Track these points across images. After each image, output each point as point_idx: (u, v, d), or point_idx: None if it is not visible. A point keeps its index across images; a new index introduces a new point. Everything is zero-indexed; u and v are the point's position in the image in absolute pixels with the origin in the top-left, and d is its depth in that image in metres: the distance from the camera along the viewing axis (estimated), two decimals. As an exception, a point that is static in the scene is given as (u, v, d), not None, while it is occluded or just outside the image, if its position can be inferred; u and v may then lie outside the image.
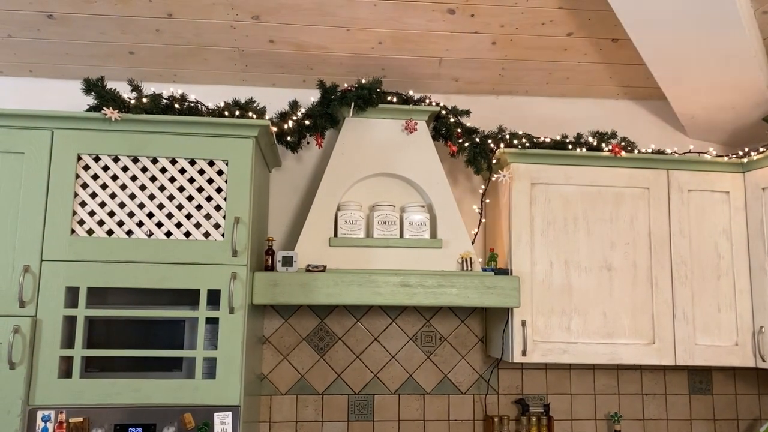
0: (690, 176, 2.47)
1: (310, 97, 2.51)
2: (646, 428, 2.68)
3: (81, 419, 1.89)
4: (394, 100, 2.46)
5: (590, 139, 2.48)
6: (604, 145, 2.46)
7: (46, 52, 2.51)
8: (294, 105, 2.43)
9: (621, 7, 2.13)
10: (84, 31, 2.37)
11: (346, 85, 2.43)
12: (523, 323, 2.30)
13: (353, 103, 2.37)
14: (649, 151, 2.50)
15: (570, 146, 2.47)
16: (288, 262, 2.19)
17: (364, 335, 2.62)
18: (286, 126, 2.36)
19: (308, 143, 2.52)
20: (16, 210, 1.96)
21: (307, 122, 2.40)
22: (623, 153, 2.43)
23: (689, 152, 2.52)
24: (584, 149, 2.46)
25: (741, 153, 2.50)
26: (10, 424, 1.85)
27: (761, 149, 2.40)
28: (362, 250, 2.31)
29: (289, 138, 2.38)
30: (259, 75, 2.68)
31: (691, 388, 2.73)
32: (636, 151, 2.47)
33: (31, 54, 2.52)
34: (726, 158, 2.49)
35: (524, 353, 2.29)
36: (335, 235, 2.34)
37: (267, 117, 2.24)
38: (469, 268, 2.30)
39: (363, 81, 2.42)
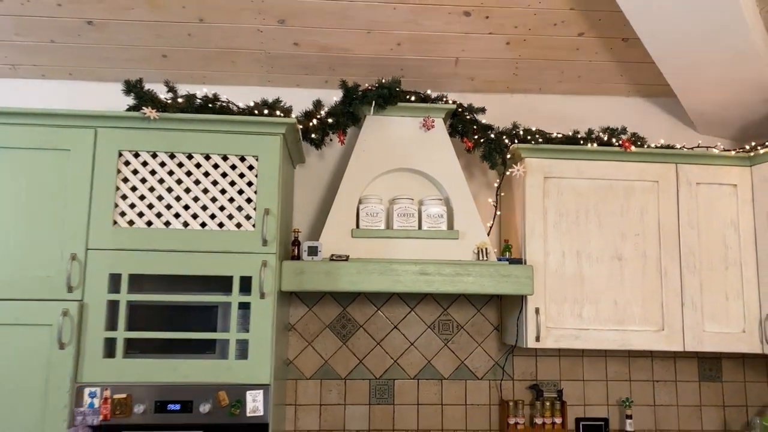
0: (698, 170, 2.56)
1: (333, 96, 2.64)
2: (656, 414, 2.77)
3: (124, 395, 2.04)
4: (413, 98, 2.57)
5: (601, 135, 2.57)
6: (614, 140, 2.54)
7: (85, 56, 2.67)
8: (318, 104, 2.56)
9: (630, 8, 2.23)
10: (121, 36, 2.53)
11: (366, 85, 2.55)
12: (537, 311, 2.41)
13: (374, 102, 2.50)
14: (659, 146, 2.59)
15: (582, 142, 2.56)
16: (313, 251, 2.32)
17: (385, 323, 2.75)
18: (310, 124, 2.50)
19: (331, 140, 2.65)
20: (63, 203, 2.12)
21: (330, 120, 2.53)
22: (633, 148, 2.52)
23: (698, 147, 2.61)
24: (595, 144, 2.54)
25: (748, 147, 2.58)
26: (60, 399, 2.01)
27: (767, 143, 2.48)
28: (383, 240, 2.43)
29: (313, 135, 2.51)
30: (283, 76, 2.82)
31: (701, 375, 2.81)
32: (645, 146, 2.56)
33: (71, 58, 2.68)
34: (733, 152, 2.57)
35: (538, 339, 2.39)
36: (357, 226, 2.46)
37: (293, 116, 2.37)
38: (485, 258, 2.42)
39: (383, 81, 2.53)
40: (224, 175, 2.21)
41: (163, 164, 2.19)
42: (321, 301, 2.74)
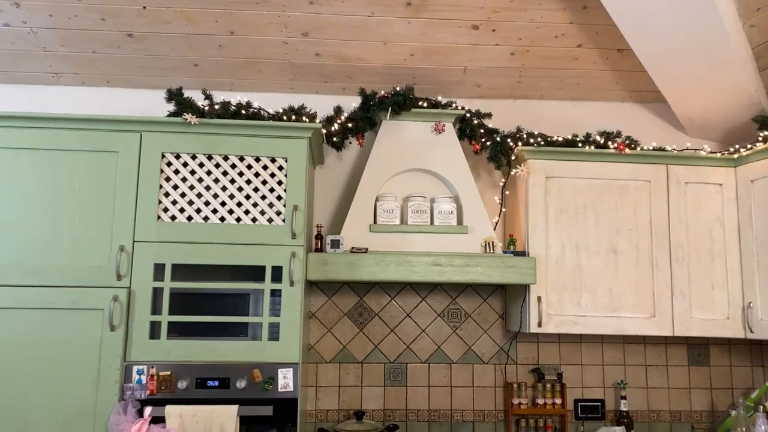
0: (687, 170, 2.76)
1: (350, 102, 2.86)
2: (649, 396, 2.99)
3: (169, 373, 2.26)
4: (425, 104, 2.77)
5: (598, 138, 2.76)
6: (610, 143, 2.74)
7: (123, 66, 2.89)
8: (338, 110, 2.79)
9: (623, 22, 2.44)
10: (157, 47, 2.75)
11: (383, 92, 2.76)
12: (539, 299, 2.63)
13: (390, 108, 2.70)
14: (651, 148, 2.80)
15: (580, 144, 2.76)
16: (336, 244, 2.54)
17: (398, 311, 2.97)
18: (332, 128, 2.72)
19: (350, 143, 2.87)
20: (112, 199, 2.34)
21: (350, 125, 2.75)
22: (627, 150, 2.73)
23: (686, 149, 2.82)
24: (593, 147, 2.74)
25: (732, 150, 2.80)
26: (112, 376, 2.23)
27: (750, 146, 2.70)
28: (398, 235, 2.65)
29: (335, 139, 2.73)
30: (305, 83, 3.04)
31: (690, 360, 3.03)
32: (639, 148, 2.77)
33: (111, 67, 2.90)
34: (719, 154, 2.79)
35: (540, 324, 2.61)
36: (374, 222, 2.68)
37: (317, 121, 2.60)
38: (492, 251, 2.64)
39: (397, 88, 2.73)
40: (257, 174, 2.43)
41: (201, 165, 2.41)
42: (339, 291, 2.96)
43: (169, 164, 2.40)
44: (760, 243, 2.64)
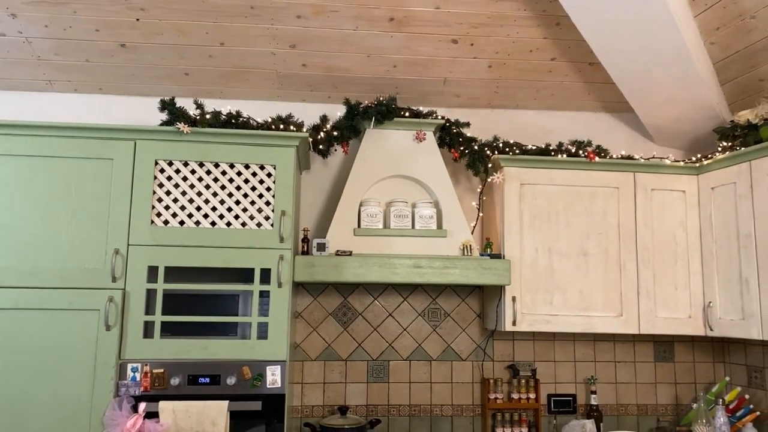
0: (653, 178, 2.92)
1: (334, 111, 2.97)
2: (617, 390, 3.16)
3: (162, 370, 2.37)
4: (407, 114, 2.88)
5: (570, 147, 2.90)
6: (581, 152, 2.88)
7: (115, 74, 2.98)
8: (324, 119, 2.91)
9: (593, 39, 2.58)
10: (149, 57, 2.85)
11: (367, 102, 2.88)
12: (513, 299, 2.77)
13: (373, 117, 2.82)
14: (619, 156, 2.96)
15: (553, 153, 2.89)
16: (321, 247, 2.67)
17: (381, 311, 3.10)
18: (318, 136, 2.84)
19: (335, 150, 2.99)
20: (107, 205, 2.43)
21: (335, 133, 2.87)
22: (597, 158, 2.88)
23: (652, 158, 2.98)
24: (565, 155, 2.88)
25: (695, 159, 2.97)
26: (107, 373, 2.34)
27: (710, 155, 2.88)
28: (381, 238, 2.78)
29: (321, 146, 2.86)
30: (291, 92, 3.15)
31: (657, 356, 3.20)
32: (608, 157, 2.92)
33: (103, 76, 2.99)
34: (683, 163, 2.95)
35: (514, 323, 2.76)
36: (359, 226, 2.80)
37: (304, 130, 2.71)
38: (469, 254, 2.77)
39: (381, 98, 2.85)
40: (246, 181, 2.54)
41: (193, 171, 2.52)
42: (324, 292, 3.08)
43: (162, 171, 2.50)
44: (719, 246, 2.81)
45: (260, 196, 2.54)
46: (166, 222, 2.48)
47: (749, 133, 2.70)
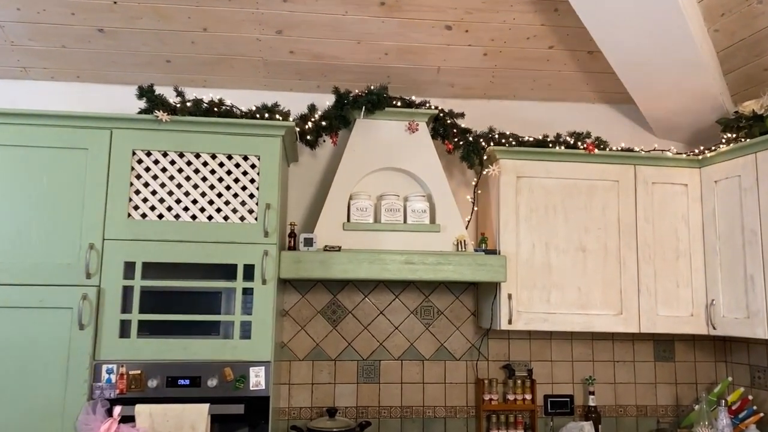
0: (654, 171, 2.83)
1: (324, 100, 2.85)
2: (616, 391, 3.06)
3: (138, 372, 2.25)
4: (399, 104, 2.79)
5: (568, 139, 2.81)
6: (579, 143, 2.80)
7: (94, 61, 2.85)
8: (312, 108, 2.79)
9: (592, 25, 2.49)
10: (129, 43, 2.72)
11: (357, 91, 2.77)
12: (509, 296, 2.67)
13: (364, 107, 2.72)
14: (619, 149, 2.86)
15: (550, 144, 2.80)
16: (309, 242, 2.55)
17: (371, 309, 2.99)
18: (306, 126, 2.73)
19: (324, 141, 2.87)
20: (82, 197, 2.31)
21: (323, 123, 2.75)
22: (596, 150, 2.79)
23: (653, 150, 2.89)
24: (563, 147, 2.79)
25: (697, 151, 2.87)
26: (81, 375, 2.21)
27: (714, 147, 2.78)
28: (371, 233, 2.67)
29: (308, 137, 2.74)
30: (278, 81, 3.03)
31: (657, 356, 3.11)
32: (607, 149, 2.83)
33: (81, 62, 2.86)
34: (685, 155, 2.86)
35: (510, 321, 2.65)
36: (348, 220, 2.69)
37: (291, 119, 2.59)
38: (463, 249, 2.67)
39: (372, 87, 2.75)
40: (229, 172, 2.42)
41: (173, 162, 2.40)
42: (313, 289, 2.97)
43: (140, 161, 2.38)
44: (722, 242, 2.71)
45: (244, 188, 2.42)
46: (143, 215, 2.36)
47: (755, 124, 2.61)
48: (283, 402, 2.87)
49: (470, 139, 2.83)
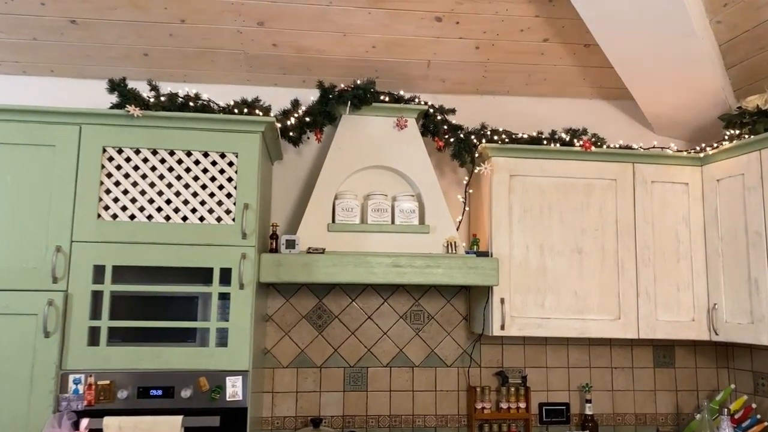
0: (653, 169, 2.72)
1: (309, 96, 2.74)
2: (614, 398, 2.95)
3: (108, 382, 2.12)
4: (387, 99, 2.68)
5: (564, 136, 2.71)
6: (576, 140, 2.70)
7: (67, 54, 2.72)
8: (295, 103, 2.67)
9: (589, 16, 2.38)
10: (104, 35, 2.60)
11: (342, 86, 2.66)
12: (502, 300, 2.55)
13: (350, 102, 2.61)
14: (617, 146, 2.75)
15: (545, 142, 2.70)
16: (291, 244, 2.43)
17: (359, 314, 2.87)
18: (288, 122, 2.60)
19: (308, 138, 2.75)
20: (48, 196, 2.19)
21: (307, 119, 2.63)
22: (593, 148, 2.68)
23: (653, 147, 2.78)
24: (558, 144, 2.69)
25: (698, 148, 2.76)
26: (46, 386, 2.08)
27: (716, 145, 2.66)
28: (357, 234, 2.55)
29: (291, 133, 2.62)
30: (262, 75, 2.91)
31: (656, 362, 2.99)
32: (605, 147, 2.72)
33: (54, 56, 2.73)
34: (686, 153, 2.75)
35: (503, 327, 2.54)
36: (333, 221, 2.57)
37: (271, 114, 2.47)
38: (454, 251, 2.55)
39: (358, 82, 2.65)
40: (205, 170, 2.29)
41: (145, 160, 2.27)
42: (298, 293, 2.84)
43: (110, 159, 2.26)
44: (725, 244, 2.59)
45: (221, 187, 2.30)
46: (114, 216, 2.24)
47: (759, 120, 2.50)
48: (266, 411, 2.75)
49: (461, 136, 2.72)
